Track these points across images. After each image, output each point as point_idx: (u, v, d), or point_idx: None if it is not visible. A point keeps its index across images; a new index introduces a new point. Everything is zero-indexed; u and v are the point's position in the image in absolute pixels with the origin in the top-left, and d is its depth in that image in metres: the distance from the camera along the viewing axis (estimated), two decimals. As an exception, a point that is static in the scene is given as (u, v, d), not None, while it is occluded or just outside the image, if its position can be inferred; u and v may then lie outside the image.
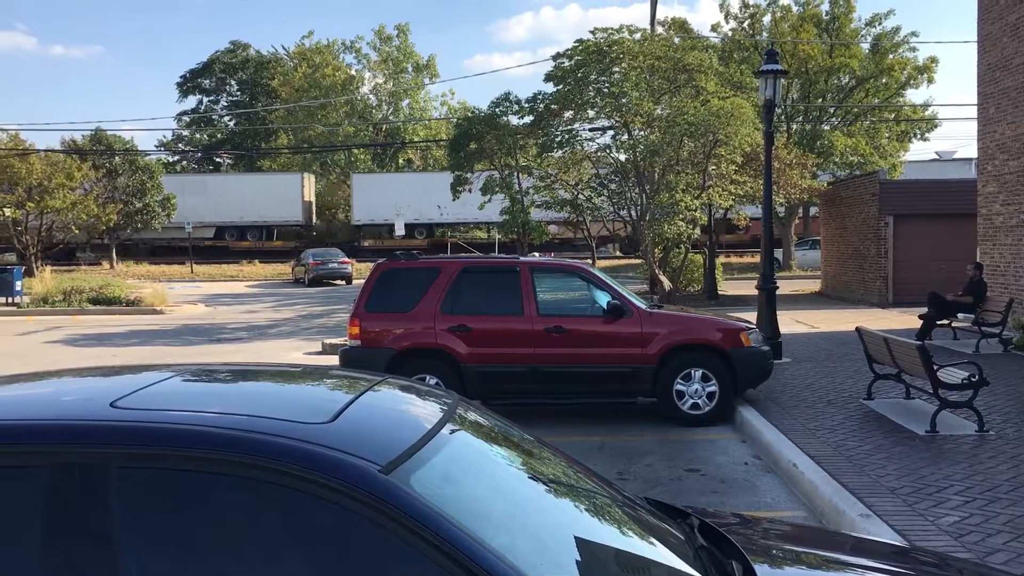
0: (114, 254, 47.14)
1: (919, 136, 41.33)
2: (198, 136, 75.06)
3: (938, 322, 15.42)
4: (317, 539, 2.37)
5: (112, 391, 2.84)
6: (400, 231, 47.29)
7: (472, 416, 3.21)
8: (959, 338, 15.35)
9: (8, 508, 2.44)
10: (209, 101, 75.35)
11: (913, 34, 38.08)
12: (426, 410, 3.11)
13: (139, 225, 47.03)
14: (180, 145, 74.58)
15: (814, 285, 30.07)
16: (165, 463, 2.39)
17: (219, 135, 73.71)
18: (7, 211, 40.25)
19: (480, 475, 2.85)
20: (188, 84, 74.31)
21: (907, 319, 18.11)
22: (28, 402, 2.99)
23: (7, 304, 27.48)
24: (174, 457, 2.39)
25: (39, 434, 2.50)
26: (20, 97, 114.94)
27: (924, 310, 15.59)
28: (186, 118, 73.55)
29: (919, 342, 9.63)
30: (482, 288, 10.65)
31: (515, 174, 27.31)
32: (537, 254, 15.78)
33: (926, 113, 40.39)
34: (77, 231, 43.57)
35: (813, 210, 40.85)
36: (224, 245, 52.31)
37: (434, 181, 50.33)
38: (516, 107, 26.26)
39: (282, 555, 2.37)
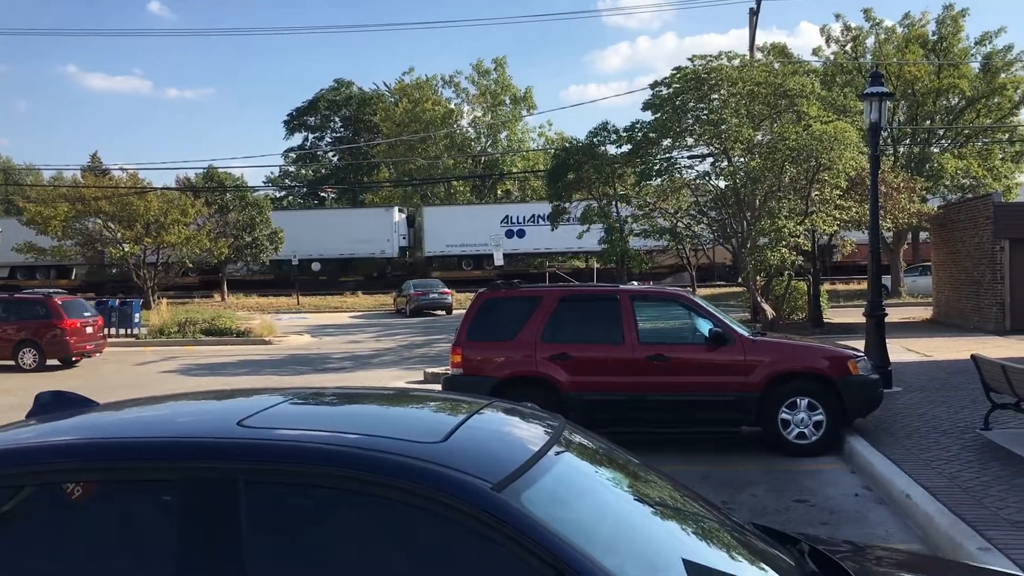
0: (224, 286, 48.94)
1: (1036, 157, 39.50)
2: (304, 171, 77.66)
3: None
4: (430, 554, 2.46)
5: (237, 411, 3.00)
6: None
7: (577, 439, 3.25)
8: (1085, 367, 14.58)
9: (143, 521, 2.60)
10: (314, 137, 78.07)
11: (1027, 52, 36.55)
12: (533, 432, 3.16)
13: (248, 258, 48.84)
14: (287, 180, 77.36)
15: (925, 312, 28.97)
16: (290, 478, 2.52)
17: (324, 170, 76.11)
18: (126, 247, 42.36)
19: (588, 496, 2.89)
20: (294, 121, 77.16)
21: (1027, 347, 17.30)
22: (159, 421, 3.18)
23: (127, 335, 28.83)
24: (299, 473, 2.52)
25: (174, 450, 2.66)
26: (138, 138, 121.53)
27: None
28: (292, 154, 76.27)
29: (1040, 370, 9.20)
30: (582, 317, 10.69)
31: (613, 203, 27.29)
32: (636, 283, 15.72)
33: (1043, 133, 38.60)
34: (191, 265, 45.45)
35: (923, 235, 39.43)
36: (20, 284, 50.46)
37: None
38: (614, 136, 26.32)
39: (398, 568, 2.46)
